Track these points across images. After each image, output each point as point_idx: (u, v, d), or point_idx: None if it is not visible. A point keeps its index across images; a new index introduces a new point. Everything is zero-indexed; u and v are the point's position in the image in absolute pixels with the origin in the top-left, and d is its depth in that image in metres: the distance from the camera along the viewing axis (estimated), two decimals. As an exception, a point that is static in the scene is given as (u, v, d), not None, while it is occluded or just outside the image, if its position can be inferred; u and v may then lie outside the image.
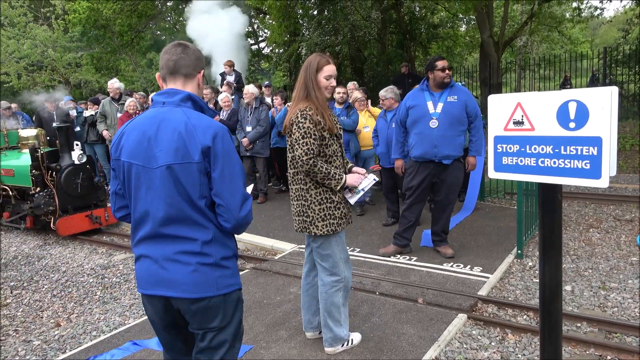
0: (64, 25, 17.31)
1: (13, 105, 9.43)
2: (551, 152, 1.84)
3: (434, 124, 4.46)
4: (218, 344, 1.92)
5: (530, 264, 4.76)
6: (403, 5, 15.10)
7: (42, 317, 4.79)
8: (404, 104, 4.73)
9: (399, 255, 4.88)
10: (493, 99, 2.03)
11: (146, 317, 3.96)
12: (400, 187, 5.58)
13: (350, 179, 2.90)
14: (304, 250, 5.27)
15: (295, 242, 5.57)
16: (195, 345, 1.96)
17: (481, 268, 4.46)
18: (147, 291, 1.90)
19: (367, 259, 4.84)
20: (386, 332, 3.37)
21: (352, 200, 2.97)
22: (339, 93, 6.34)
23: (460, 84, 7.39)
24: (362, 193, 2.97)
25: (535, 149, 1.88)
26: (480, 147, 4.74)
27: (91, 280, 5.51)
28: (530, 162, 1.90)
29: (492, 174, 2.03)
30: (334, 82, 2.87)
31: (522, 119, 1.93)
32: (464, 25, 20.45)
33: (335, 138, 2.89)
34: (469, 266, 4.51)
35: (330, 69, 2.84)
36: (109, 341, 3.59)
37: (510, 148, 1.97)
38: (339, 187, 2.85)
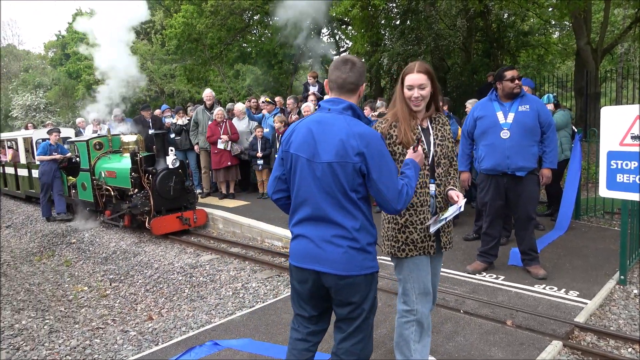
0: (161, 39, 18.73)
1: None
2: (678, 170, 1.66)
3: (505, 134, 4.29)
4: (356, 315, 2.23)
5: (635, 291, 4.32)
6: (491, 13, 14.54)
7: (136, 310, 5.16)
8: (472, 114, 4.59)
9: (484, 273, 4.67)
10: (607, 111, 1.88)
11: (231, 318, 4.12)
12: None
13: (417, 157, 2.40)
14: (382, 261, 5.21)
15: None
16: (337, 316, 2.31)
17: (578, 292, 4.12)
18: (302, 265, 2.23)
19: (450, 275, 4.67)
20: (472, 353, 3.22)
21: (432, 229, 2.60)
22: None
23: (552, 94, 6.96)
24: (444, 221, 2.61)
25: (657, 166, 1.72)
26: (555, 158, 4.46)
27: (180, 278, 5.84)
28: (652, 180, 1.73)
29: (604, 192, 1.88)
30: (416, 93, 2.55)
31: (642, 133, 1.77)
32: (556, 32, 19.25)
33: None
34: (563, 289, 4.20)
35: (412, 79, 2.56)
36: (197, 338, 3.76)
37: (626, 165, 1.82)
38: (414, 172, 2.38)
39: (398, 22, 13.26)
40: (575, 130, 6.51)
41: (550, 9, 14.64)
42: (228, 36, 17.10)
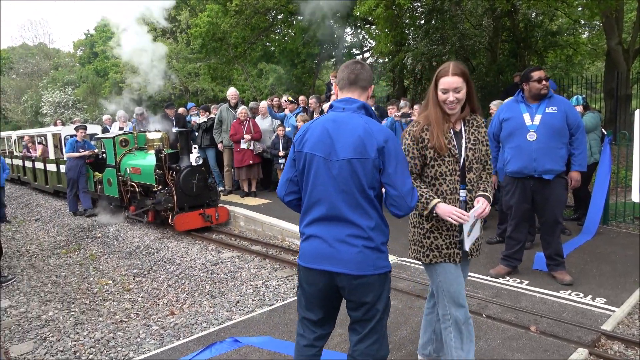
0: (186, 38, 18.98)
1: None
2: None
3: (531, 136, 4.20)
4: (371, 316, 2.22)
5: (665, 300, 4.18)
6: (518, 12, 14.26)
7: (158, 305, 5.23)
8: (497, 116, 4.52)
9: (508, 277, 4.58)
10: (641, 114, 1.82)
11: (251, 315, 4.14)
12: None
13: (443, 210, 2.45)
14: (404, 262, 5.17)
15: (396, 254, 5.46)
16: (351, 318, 2.28)
17: (605, 299, 4.01)
18: (313, 265, 2.20)
19: (472, 278, 4.60)
20: (494, 358, 3.17)
21: (466, 245, 2.54)
22: None
23: (581, 95, 6.79)
24: (476, 232, 2.57)
25: (695, 171, 1.65)
26: (584, 161, 4.35)
27: (201, 275, 5.91)
28: (688, 186, 1.67)
29: (637, 197, 1.82)
30: (451, 97, 2.47)
31: (679, 137, 1.70)
32: (586, 32, 18.77)
33: (445, 159, 2.53)
34: (590, 296, 4.09)
35: (447, 82, 2.47)
36: (217, 334, 3.80)
37: (661, 169, 1.75)
38: (426, 212, 2.50)
39: (423, 22, 13.13)
40: (605, 133, 6.34)
41: (580, 8, 14.29)
42: (252, 35, 17.20)
